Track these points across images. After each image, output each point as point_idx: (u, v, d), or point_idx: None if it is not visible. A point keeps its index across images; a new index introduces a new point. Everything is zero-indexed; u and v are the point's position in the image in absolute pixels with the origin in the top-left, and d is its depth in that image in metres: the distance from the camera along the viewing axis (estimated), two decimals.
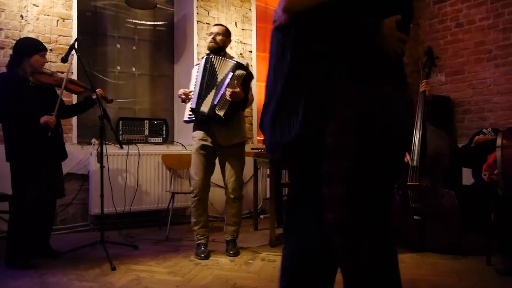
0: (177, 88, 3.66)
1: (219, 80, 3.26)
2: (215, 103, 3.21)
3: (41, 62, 3.22)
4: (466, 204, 3.28)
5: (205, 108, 3.23)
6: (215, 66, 3.29)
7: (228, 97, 3.18)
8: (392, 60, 1.45)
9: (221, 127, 3.29)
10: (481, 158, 3.27)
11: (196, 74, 3.41)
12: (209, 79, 3.27)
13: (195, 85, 3.36)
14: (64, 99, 3.64)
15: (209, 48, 3.43)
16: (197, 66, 3.47)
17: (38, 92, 3.17)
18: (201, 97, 3.25)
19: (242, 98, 3.26)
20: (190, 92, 3.37)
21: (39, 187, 3.10)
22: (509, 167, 2.79)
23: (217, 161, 3.46)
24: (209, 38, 3.44)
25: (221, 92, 3.21)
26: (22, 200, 3.04)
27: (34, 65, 3.15)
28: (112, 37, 4.86)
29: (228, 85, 3.20)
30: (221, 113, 3.21)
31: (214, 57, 3.33)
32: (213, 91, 3.25)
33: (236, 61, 3.31)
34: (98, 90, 3.37)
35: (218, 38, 3.41)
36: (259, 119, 4.93)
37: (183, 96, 3.40)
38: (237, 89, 3.19)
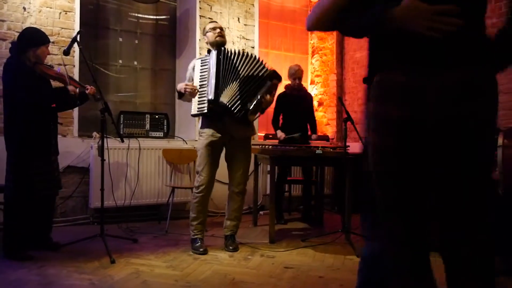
0: (179, 83, 3.62)
1: (242, 74, 3.26)
2: (250, 108, 3.23)
3: (46, 53, 3.22)
4: None
5: (224, 99, 3.22)
6: (233, 59, 3.28)
7: (263, 105, 3.29)
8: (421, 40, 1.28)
9: (236, 121, 3.30)
10: None
11: (200, 67, 3.36)
12: (227, 71, 3.26)
13: (204, 77, 3.30)
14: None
15: (217, 43, 3.38)
16: (200, 60, 3.42)
17: (41, 83, 3.17)
18: (219, 88, 3.22)
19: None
20: (196, 87, 3.31)
21: (45, 180, 3.11)
22: (510, 167, 2.78)
23: (222, 155, 3.46)
24: (215, 33, 3.39)
25: (258, 98, 3.24)
26: (24, 192, 3.03)
27: (40, 56, 3.15)
28: (114, 30, 4.85)
29: (265, 93, 3.27)
30: (251, 118, 3.29)
31: (230, 51, 3.31)
32: (235, 84, 3.24)
33: (272, 69, 3.37)
34: (90, 88, 3.31)
35: (223, 33, 3.44)
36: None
37: (188, 90, 3.30)
38: (271, 98, 3.32)
